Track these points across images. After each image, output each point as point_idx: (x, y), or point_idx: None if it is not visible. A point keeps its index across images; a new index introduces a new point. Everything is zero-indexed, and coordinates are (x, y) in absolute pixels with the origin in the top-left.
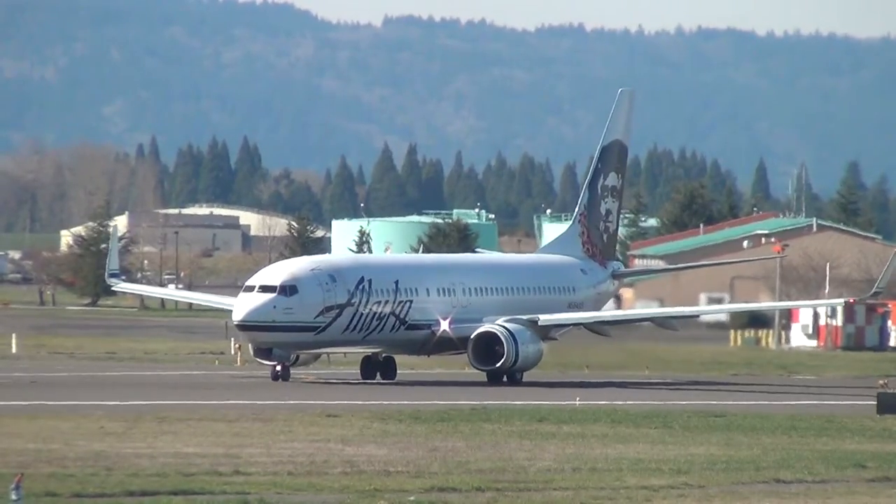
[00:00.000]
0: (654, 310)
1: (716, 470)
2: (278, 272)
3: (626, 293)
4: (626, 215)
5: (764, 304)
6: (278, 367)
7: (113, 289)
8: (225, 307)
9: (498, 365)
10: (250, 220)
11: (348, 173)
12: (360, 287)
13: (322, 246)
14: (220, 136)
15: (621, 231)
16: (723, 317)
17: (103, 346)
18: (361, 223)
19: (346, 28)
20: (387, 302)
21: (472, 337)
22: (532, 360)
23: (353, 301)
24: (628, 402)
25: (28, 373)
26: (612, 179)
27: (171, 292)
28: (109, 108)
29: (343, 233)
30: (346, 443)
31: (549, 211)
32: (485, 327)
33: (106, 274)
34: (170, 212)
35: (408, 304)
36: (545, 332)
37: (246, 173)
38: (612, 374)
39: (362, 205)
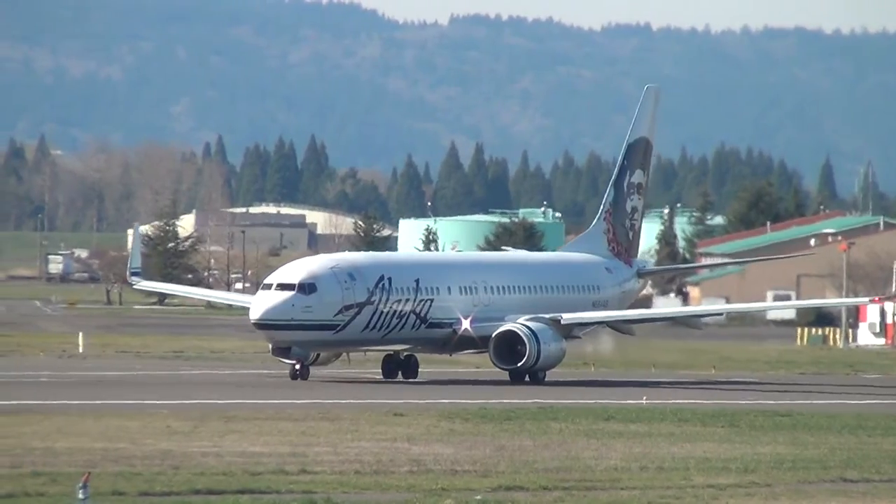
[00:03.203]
0: (677, 308)
1: (782, 469)
2: (297, 270)
3: (693, 291)
4: (693, 213)
5: (788, 302)
6: (297, 366)
7: (134, 287)
8: (245, 305)
9: (520, 364)
10: (317, 219)
11: (414, 172)
12: (380, 285)
13: (388, 245)
14: (286, 135)
15: (688, 229)
16: (790, 315)
17: (170, 344)
18: (428, 222)
19: (412, 27)
20: (407, 300)
21: (493, 336)
22: (554, 358)
23: (372, 299)
24: (695, 402)
25: (95, 372)
26: (637, 176)
27: (192, 290)
28: (176, 107)
29: (409, 232)
30: (412, 442)
31: None
32: (506, 326)
33: (127, 272)
34: (237, 211)
35: (429, 302)
36: (568, 331)
37: (312, 172)
38: (676, 374)
39: (429, 204)
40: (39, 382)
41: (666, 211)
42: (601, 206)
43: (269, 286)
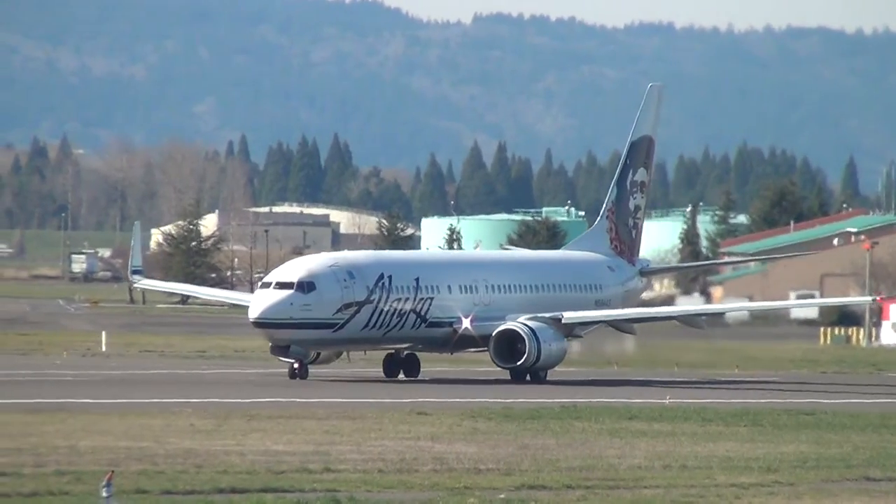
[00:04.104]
0: (680, 307)
1: (805, 468)
2: (296, 269)
3: (717, 291)
4: (716, 212)
5: (788, 302)
6: (296, 365)
7: (135, 286)
8: (243, 304)
9: (520, 363)
10: (340, 218)
11: (438, 171)
12: (380, 284)
13: (412, 243)
14: (309, 134)
15: (711, 228)
16: (813, 314)
17: (193, 344)
18: (451, 221)
19: (435, 26)
20: (407, 299)
21: (493, 334)
22: (555, 358)
23: (372, 298)
24: (718, 401)
25: (118, 371)
26: (640, 175)
27: (192, 289)
28: (199, 106)
29: (432, 230)
30: (436, 440)
31: None
32: (506, 325)
33: (128, 271)
34: (260, 210)
35: (429, 301)
36: (569, 330)
37: (336, 171)
38: (699, 373)
39: (452, 203)
40: (63, 381)
41: (689, 210)
42: (604, 205)
43: (267, 285)
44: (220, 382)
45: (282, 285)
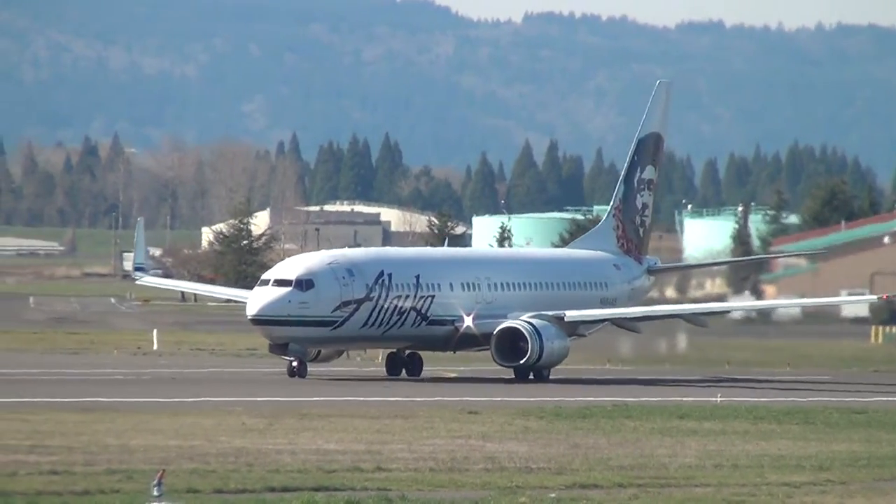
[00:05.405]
0: (682, 306)
1: (857, 466)
2: (294, 266)
3: (769, 290)
4: (768, 212)
5: (788, 301)
6: (294, 363)
7: (137, 283)
8: (243, 301)
9: (522, 361)
10: (391, 216)
11: (488, 170)
12: (380, 281)
13: (463, 242)
14: (360, 133)
15: (762, 227)
16: (863, 312)
17: (244, 342)
18: (502, 219)
19: (486, 25)
20: (407, 297)
21: (495, 333)
22: (557, 356)
23: (371, 296)
24: (769, 399)
25: (169, 369)
26: (648, 172)
27: (194, 286)
28: (250, 105)
29: (483, 229)
30: (487, 439)
31: (689, 206)
32: (508, 323)
33: (132, 267)
34: (311, 209)
35: (430, 298)
36: (572, 329)
37: (387, 170)
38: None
39: (503, 201)
40: (114, 380)
41: (740, 209)
42: (611, 202)
43: (266, 282)
44: (272, 381)
45: (280, 282)
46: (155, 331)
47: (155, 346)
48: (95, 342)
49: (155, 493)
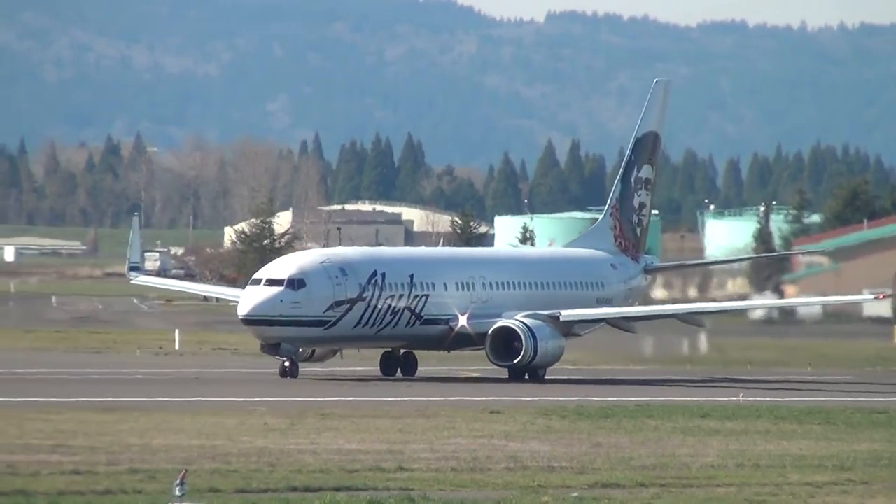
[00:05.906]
0: (677, 305)
1: (879, 466)
2: (286, 265)
3: (790, 289)
4: (790, 211)
5: (788, 301)
6: (286, 363)
7: (132, 282)
8: (235, 300)
9: (516, 361)
10: (413, 216)
11: (511, 169)
12: (373, 281)
13: (485, 241)
14: (383, 132)
15: (784, 227)
16: (886, 312)
17: None
18: (524, 219)
19: (508, 25)
20: (401, 296)
21: (489, 332)
22: (552, 356)
23: (364, 295)
24: (791, 399)
25: (191, 369)
26: (645, 171)
27: (187, 285)
28: (272, 104)
29: (506, 229)
30: (509, 439)
31: (712, 206)
32: (502, 322)
33: (126, 267)
34: (333, 208)
35: (424, 298)
36: (567, 329)
37: (409, 170)
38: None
39: (525, 201)
40: (136, 379)
41: (762, 209)
42: (608, 202)
43: (257, 281)
44: (296, 380)
45: (272, 282)
46: (177, 331)
47: (177, 346)
48: (118, 342)
49: (177, 492)
